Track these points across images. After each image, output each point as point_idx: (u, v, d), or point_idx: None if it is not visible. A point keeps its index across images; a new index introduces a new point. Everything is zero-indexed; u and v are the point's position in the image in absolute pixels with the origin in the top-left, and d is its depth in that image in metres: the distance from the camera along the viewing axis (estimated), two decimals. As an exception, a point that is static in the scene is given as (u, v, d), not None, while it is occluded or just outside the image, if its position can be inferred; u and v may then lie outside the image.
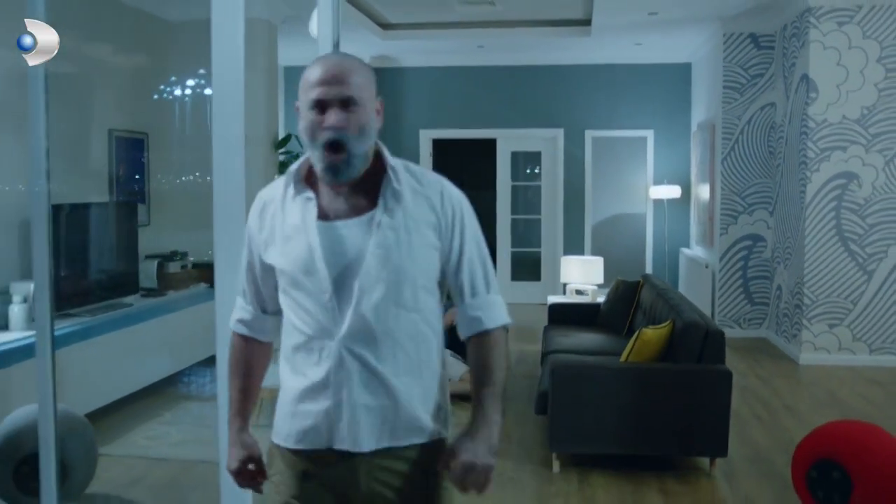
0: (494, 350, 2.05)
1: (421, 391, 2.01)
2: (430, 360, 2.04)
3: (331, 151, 1.89)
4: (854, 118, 7.56)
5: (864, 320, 7.65)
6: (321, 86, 1.89)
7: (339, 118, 1.88)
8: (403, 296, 1.95)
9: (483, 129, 11.46)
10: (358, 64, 1.94)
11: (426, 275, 1.99)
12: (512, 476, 4.80)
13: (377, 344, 1.93)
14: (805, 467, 4.12)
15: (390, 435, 1.98)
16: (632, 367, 4.80)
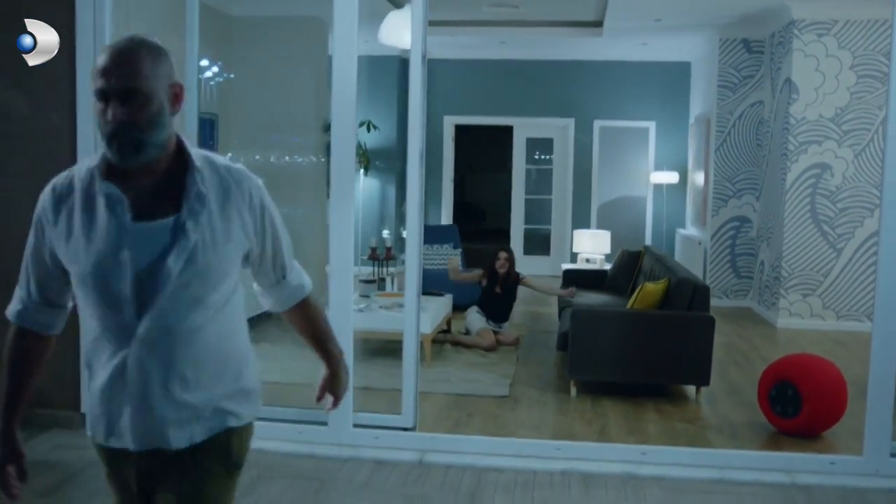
0: (317, 308, 2.29)
1: (223, 387, 2.01)
2: (235, 354, 2.06)
3: (114, 143, 1.84)
4: (829, 117, 8.77)
5: (832, 291, 8.89)
6: (103, 76, 1.82)
7: (120, 111, 1.82)
8: (206, 296, 1.93)
9: (501, 116, 12.69)
10: (146, 50, 1.86)
11: (230, 273, 1.99)
12: (538, 399, 6.05)
13: (178, 343, 1.91)
14: (767, 388, 5.36)
15: (194, 431, 1.98)
16: (635, 313, 6.06)
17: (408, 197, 4.83)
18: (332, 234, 4.80)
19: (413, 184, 4.81)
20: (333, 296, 4.84)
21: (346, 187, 4.78)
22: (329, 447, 4.78)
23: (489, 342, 7.50)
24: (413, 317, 4.88)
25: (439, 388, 6.18)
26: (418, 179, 4.80)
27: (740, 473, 4.51)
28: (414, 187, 4.81)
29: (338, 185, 4.77)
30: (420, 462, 4.63)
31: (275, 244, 2.10)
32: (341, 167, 4.77)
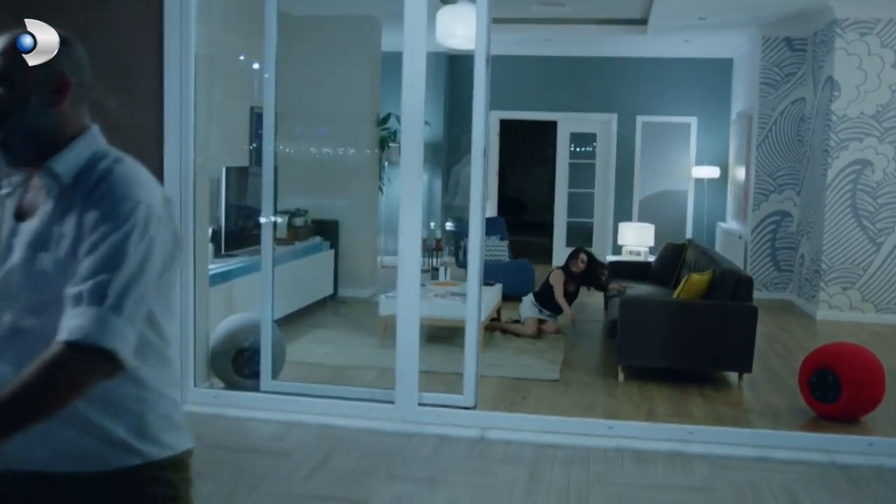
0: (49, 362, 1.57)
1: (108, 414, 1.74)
2: None
3: None
4: (870, 114, 8.98)
5: (872, 284, 9.11)
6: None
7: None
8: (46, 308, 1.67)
9: (545, 111, 12.99)
10: (17, 38, 1.77)
11: None
12: (588, 383, 6.38)
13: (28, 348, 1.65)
14: (808, 375, 5.65)
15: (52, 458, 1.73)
16: (682, 302, 6.36)
17: (471, 190, 5.16)
18: (402, 227, 5.14)
19: (476, 178, 5.13)
20: (402, 285, 5.18)
21: (415, 181, 5.13)
22: (396, 424, 5.14)
23: (530, 331, 7.86)
24: (475, 303, 5.21)
25: (494, 372, 6.52)
26: (481, 174, 5.13)
27: (781, 453, 4.81)
28: (477, 181, 5.14)
29: (407, 179, 5.11)
30: (482, 438, 4.98)
31: (95, 263, 1.63)
32: (410, 162, 5.11)
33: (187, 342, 5.45)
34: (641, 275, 8.88)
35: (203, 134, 5.64)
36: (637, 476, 4.50)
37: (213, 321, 5.97)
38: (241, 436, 5.00)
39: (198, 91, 5.42)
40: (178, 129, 5.28)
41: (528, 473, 4.47)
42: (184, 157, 5.31)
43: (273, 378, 5.70)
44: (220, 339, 5.79)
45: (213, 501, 3.99)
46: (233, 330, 5.84)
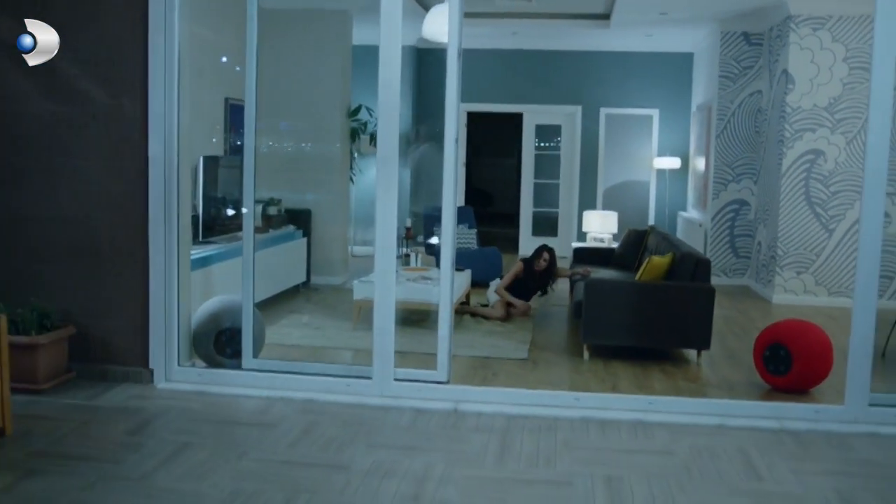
0: None
1: None
2: None
3: None
4: (823, 106, 9.37)
5: (824, 269, 9.51)
6: None
7: None
8: None
9: (512, 104, 13.29)
10: None
11: None
12: (555, 361, 6.68)
13: None
14: (761, 350, 5.99)
15: None
16: (643, 284, 6.68)
17: (444, 177, 5.42)
18: (379, 213, 5.39)
19: (448, 166, 5.40)
20: (379, 267, 5.43)
21: (391, 171, 5.38)
22: (374, 398, 5.40)
23: (500, 313, 8.15)
24: (448, 282, 5.48)
25: (465, 352, 6.80)
26: (454, 162, 5.40)
27: (736, 420, 5.13)
28: (450, 169, 5.41)
29: (383, 168, 5.37)
30: (455, 410, 5.25)
31: None
32: (386, 152, 5.37)
33: (171, 323, 5.66)
34: (605, 261, 9.21)
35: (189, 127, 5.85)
36: (602, 442, 4.80)
37: (194, 304, 6.18)
38: (227, 410, 5.23)
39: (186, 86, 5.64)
40: (163, 119, 5.49)
41: (499, 441, 4.75)
42: (168, 146, 5.53)
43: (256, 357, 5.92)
44: (202, 320, 6.01)
45: (203, 469, 4.23)
46: (214, 311, 6.05)
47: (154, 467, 4.24)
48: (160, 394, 5.51)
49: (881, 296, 9.44)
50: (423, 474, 4.23)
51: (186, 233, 6.02)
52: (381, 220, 5.40)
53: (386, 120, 5.40)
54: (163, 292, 5.61)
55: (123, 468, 4.23)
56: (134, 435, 4.74)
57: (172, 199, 5.58)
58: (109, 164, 5.58)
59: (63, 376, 5.58)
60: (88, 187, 5.62)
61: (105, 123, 5.56)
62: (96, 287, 5.67)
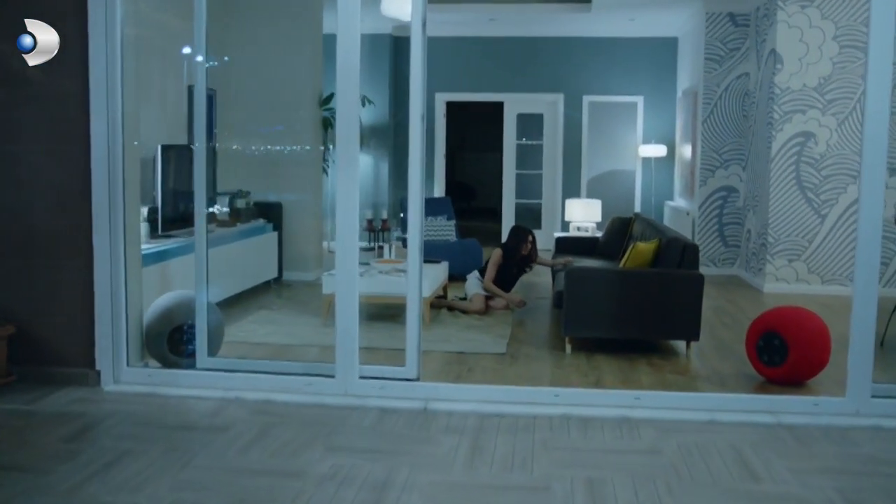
0: None
1: None
2: None
3: None
4: (812, 86, 9.00)
5: (817, 256, 9.14)
6: None
7: None
8: None
9: (492, 93, 12.87)
10: None
11: None
12: (535, 356, 6.28)
13: None
14: (755, 339, 5.60)
15: None
16: (628, 271, 6.29)
17: (410, 157, 5.02)
18: (339, 202, 4.99)
19: (415, 145, 5.00)
20: (340, 259, 5.03)
21: (351, 158, 4.98)
22: (337, 397, 4.99)
23: (477, 307, 7.74)
24: (416, 272, 5.08)
25: (439, 347, 6.39)
26: (420, 140, 4.99)
27: (729, 415, 4.74)
28: (416, 149, 5.00)
29: (343, 153, 4.96)
30: (424, 409, 4.85)
31: None
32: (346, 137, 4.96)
33: (119, 322, 5.24)
34: (589, 250, 8.81)
35: (136, 111, 5.43)
36: (583, 441, 4.41)
37: (148, 301, 5.76)
38: (176, 413, 4.82)
39: (132, 69, 5.22)
40: (105, 102, 5.07)
41: (470, 442, 4.35)
42: (112, 131, 5.11)
43: (213, 356, 5.51)
44: (155, 317, 5.59)
45: (140, 479, 3.81)
46: (167, 308, 5.63)
47: (86, 478, 3.82)
48: (106, 397, 5.08)
49: (876, 283, 9.10)
50: (384, 480, 3.82)
51: (136, 226, 5.60)
52: (342, 209, 5.00)
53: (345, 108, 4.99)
54: (109, 288, 5.19)
55: (52, 479, 3.81)
56: (71, 442, 4.31)
57: (118, 189, 5.16)
58: (49, 149, 5.15)
59: (1, 380, 5.15)
60: (27, 175, 5.19)
61: (44, 106, 5.14)
62: (37, 282, 5.24)
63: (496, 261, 8.02)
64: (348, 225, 5.01)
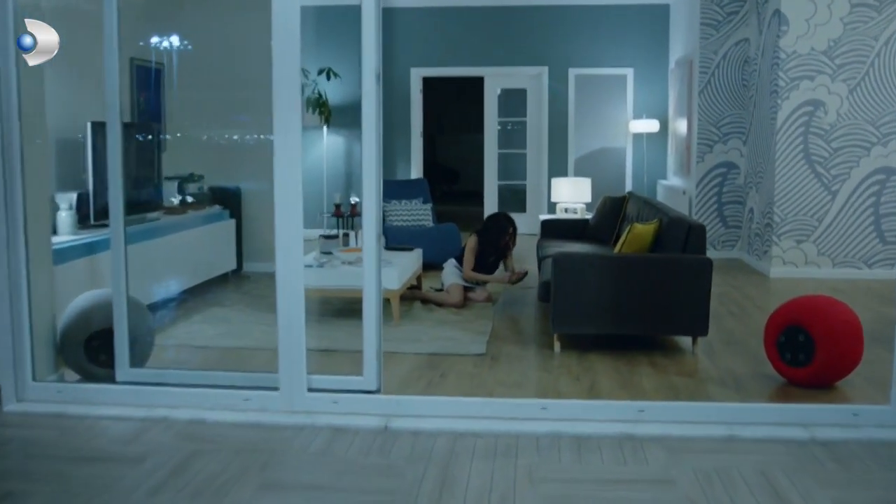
0: None
1: None
2: None
3: None
4: (821, 50, 8.18)
5: (828, 237, 8.34)
6: None
7: None
8: None
9: (471, 67, 11.99)
10: None
11: None
12: (519, 356, 5.45)
13: None
14: (775, 334, 4.79)
15: None
16: (624, 258, 5.45)
17: (363, 123, 4.18)
18: (277, 182, 4.16)
19: (369, 106, 4.16)
20: (281, 251, 4.19)
21: (291, 127, 4.13)
22: (280, 415, 4.16)
23: (455, 299, 6.90)
24: (373, 262, 4.24)
25: (409, 348, 5.57)
26: (375, 101, 4.15)
27: (751, 430, 3.93)
28: (370, 110, 4.16)
29: (280, 130, 4.12)
30: (385, 428, 4.02)
31: None
32: (284, 112, 4.11)
33: (21, 328, 4.38)
34: (578, 234, 7.97)
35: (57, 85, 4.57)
36: (578, 468, 3.58)
37: (68, 303, 4.92)
38: (86, 439, 3.97)
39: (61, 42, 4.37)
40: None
41: (438, 472, 3.52)
42: (5, 107, 4.25)
43: (139, 366, 4.67)
44: (71, 321, 4.74)
45: (17, 532, 2.98)
46: (84, 310, 4.78)
47: (-57, 535, 2.98)
48: (5, 419, 4.24)
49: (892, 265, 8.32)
50: (325, 531, 3.00)
51: (45, 214, 4.74)
52: (281, 185, 4.17)
53: (282, 71, 4.13)
54: (7, 289, 4.33)
55: None
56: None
57: (14, 176, 4.29)
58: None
59: None
60: None
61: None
62: (-79, 283, 4.38)
63: (472, 247, 7.18)
64: (289, 205, 4.17)
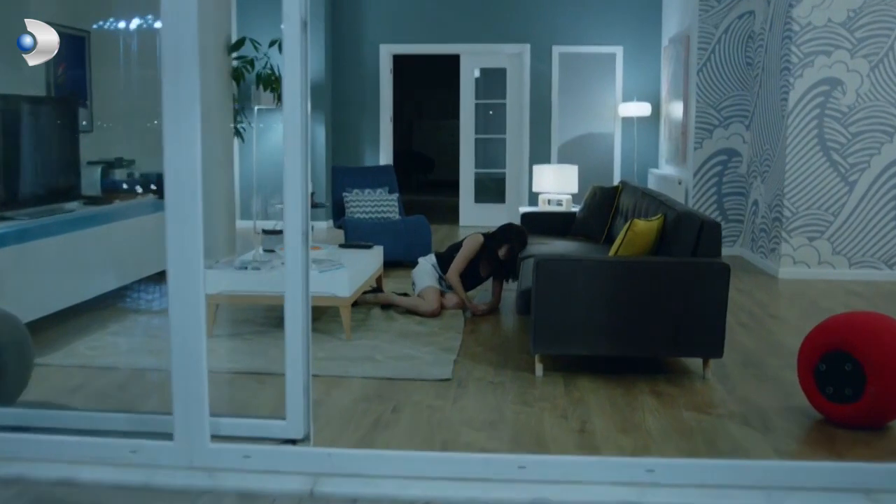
0: None
1: None
2: None
3: None
4: (839, 21, 7.22)
5: (844, 233, 7.40)
6: None
7: None
8: None
9: (447, 44, 10.95)
10: None
11: None
12: (492, 382, 4.44)
13: None
14: (813, 361, 3.81)
15: None
16: (622, 261, 4.44)
17: (284, 89, 3.15)
18: (167, 171, 3.11)
19: (292, 61, 3.13)
20: (172, 253, 3.15)
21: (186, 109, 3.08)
22: (175, 473, 3.13)
23: (431, 307, 5.87)
24: (298, 270, 3.22)
25: (358, 371, 4.56)
26: (300, 56, 3.12)
27: (797, 497, 2.95)
28: (294, 76, 3.13)
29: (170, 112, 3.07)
30: (311, 494, 3.00)
31: None
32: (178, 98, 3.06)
33: None
34: (563, 229, 6.95)
35: None
36: (567, 562, 2.59)
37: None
38: None
39: None
40: None
41: (376, 570, 2.52)
42: None
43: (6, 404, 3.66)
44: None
45: None
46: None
47: None
48: None
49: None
50: None
51: None
52: (172, 179, 3.12)
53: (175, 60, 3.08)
54: None
55: None
56: None
57: None
58: None
59: None
60: None
61: None
62: None
63: (473, 249, 6.09)
64: (182, 197, 3.13)
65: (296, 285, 3.20)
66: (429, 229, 7.81)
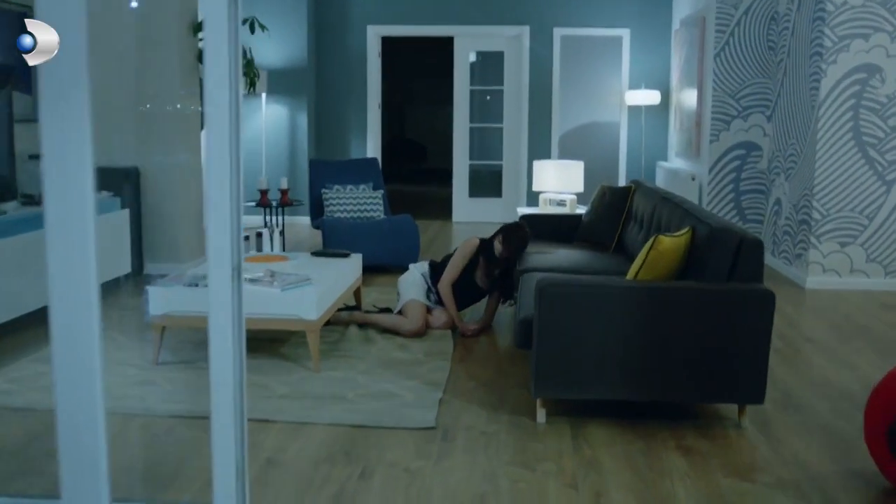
0: None
1: None
2: None
3: None
4: (879, 0, 6.43)
5: (880, 238, 6.62)
6: None
7: None
8: None
9: (440, 25, 10.12)
10: None
11: None
12: (484, 431, 3.67)
13: None
14: (884, 420, 3.04)
15: None
16: (644, 287, 3.64)
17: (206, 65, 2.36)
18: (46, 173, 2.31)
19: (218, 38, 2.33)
20: (53, 276, 2.35)
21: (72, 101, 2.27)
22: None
23: (414, 325, 5.09)
24: (227, 299, 2.43)
25: (324, 415, 3.78)
26: (228, 32, 2.32)
27: None
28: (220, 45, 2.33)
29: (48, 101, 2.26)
30: None
31: None
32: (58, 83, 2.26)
33: None
34: (568, 234, 6.13)
35: None
36: None
37: None
38: None
39: None
40: None
41: None
42: None
43: None
44: None
45: None
46: None
47: None
48: None
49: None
50: None
51: None
52: (50, 178, 2.32)
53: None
54: None
55: None
56: None
57: None
58: None
59: None
60: None
61: None
62: None
63: (468, 252, 5.29)
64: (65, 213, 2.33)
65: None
66: (416, 231, 7.03)
